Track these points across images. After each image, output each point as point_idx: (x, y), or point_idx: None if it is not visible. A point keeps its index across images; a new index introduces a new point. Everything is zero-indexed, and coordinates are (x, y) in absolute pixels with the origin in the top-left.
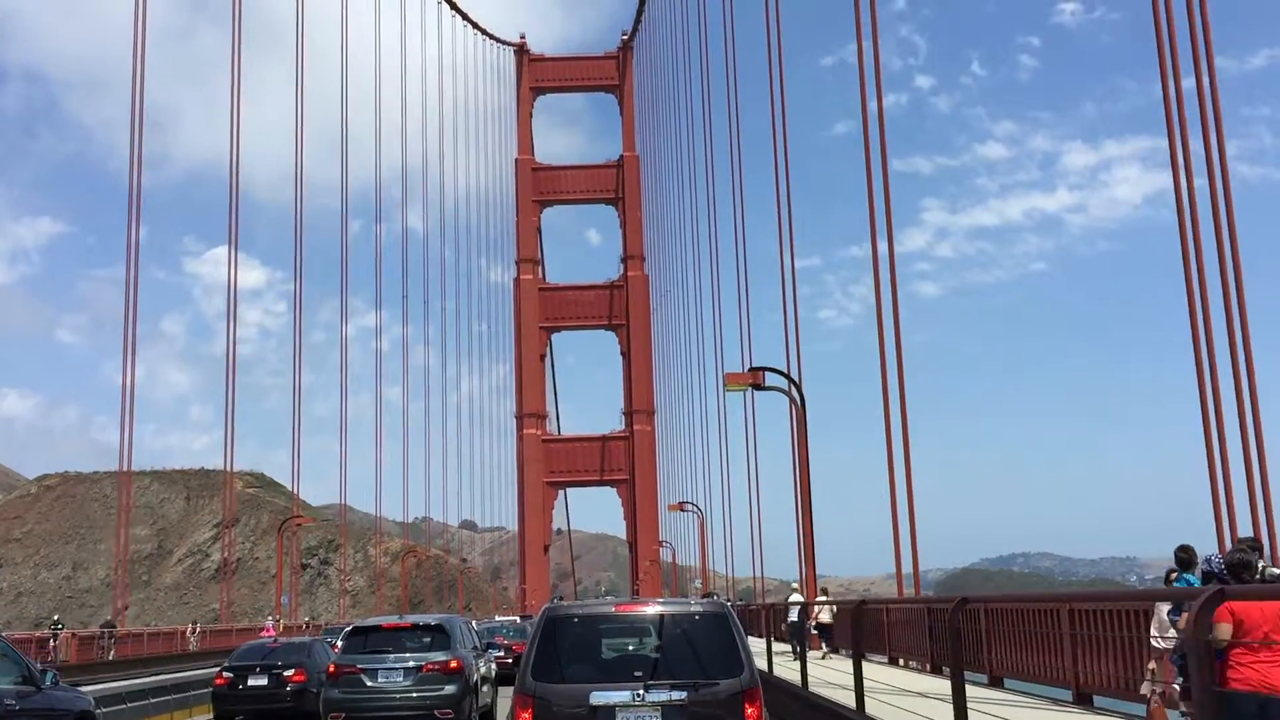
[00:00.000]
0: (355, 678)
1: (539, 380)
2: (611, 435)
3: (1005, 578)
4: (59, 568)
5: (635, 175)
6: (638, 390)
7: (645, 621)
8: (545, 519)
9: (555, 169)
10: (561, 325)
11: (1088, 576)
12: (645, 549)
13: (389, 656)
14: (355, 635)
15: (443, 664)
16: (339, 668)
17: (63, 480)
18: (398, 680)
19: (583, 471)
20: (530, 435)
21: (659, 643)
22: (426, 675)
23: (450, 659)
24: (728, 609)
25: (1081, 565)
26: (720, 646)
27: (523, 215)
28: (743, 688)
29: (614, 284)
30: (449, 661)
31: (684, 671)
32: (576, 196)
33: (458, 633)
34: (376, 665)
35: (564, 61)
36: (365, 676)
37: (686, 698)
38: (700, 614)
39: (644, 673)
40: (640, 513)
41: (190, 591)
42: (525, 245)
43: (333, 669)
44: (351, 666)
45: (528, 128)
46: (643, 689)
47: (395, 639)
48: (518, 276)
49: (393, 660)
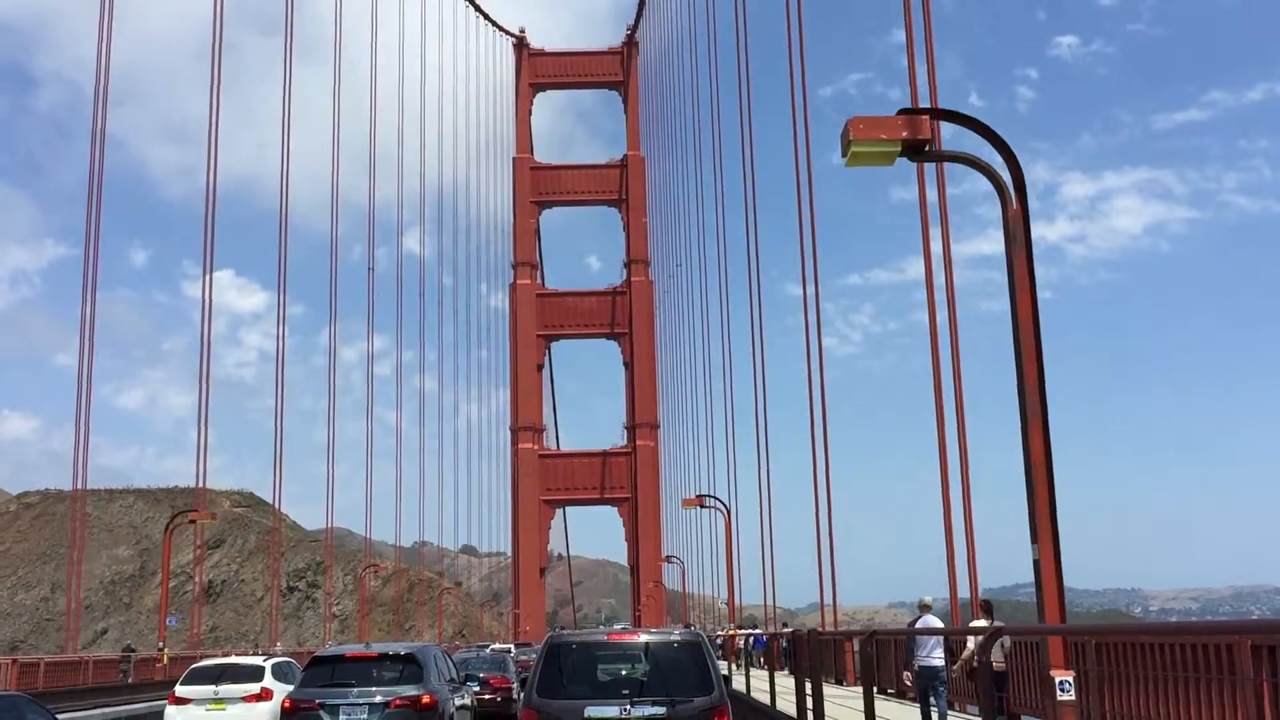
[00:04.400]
0: (314, 715)
1: (536, 391)
2: (613, 450)
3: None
4: (37, 588)
5: (640, 176)
6: (640, 402)
7: (634, 648)
8: (541, 539)
9: (555, 168)
10: (561, 333)
11: (1094, 607)
12: (648, 572)
13: (352, 691)
14: (316, 666)
15: (413, 699)
16: (296, 703)
17: (43, 498)
18: (362, 718)
19: (582, 489)
20: (526, 450)
21: (645, 666)
22: (394, 712)
23: (422, 693)
24: (702, 638)
25: (1087, 596)
26: (696, 670)
27: (520, 216)
28: (713, 705)
29: (616, 290)
30: (420, 696)
31: (664, 691)
32: (577, 198)
33: (431, 664)
34: (339, 700)
35: (565, 57)
36: (325, 714)
37: (665, 713)
38: (679, 643)
39: (631, 691)
40: (642, 533)
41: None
42: (522, 248)
43: (288, 704)
44: (310, 702)
45: (527, 125)
46: (629, 705)
47: (361, 671)
48: (514, 281)
49: (356, 695)
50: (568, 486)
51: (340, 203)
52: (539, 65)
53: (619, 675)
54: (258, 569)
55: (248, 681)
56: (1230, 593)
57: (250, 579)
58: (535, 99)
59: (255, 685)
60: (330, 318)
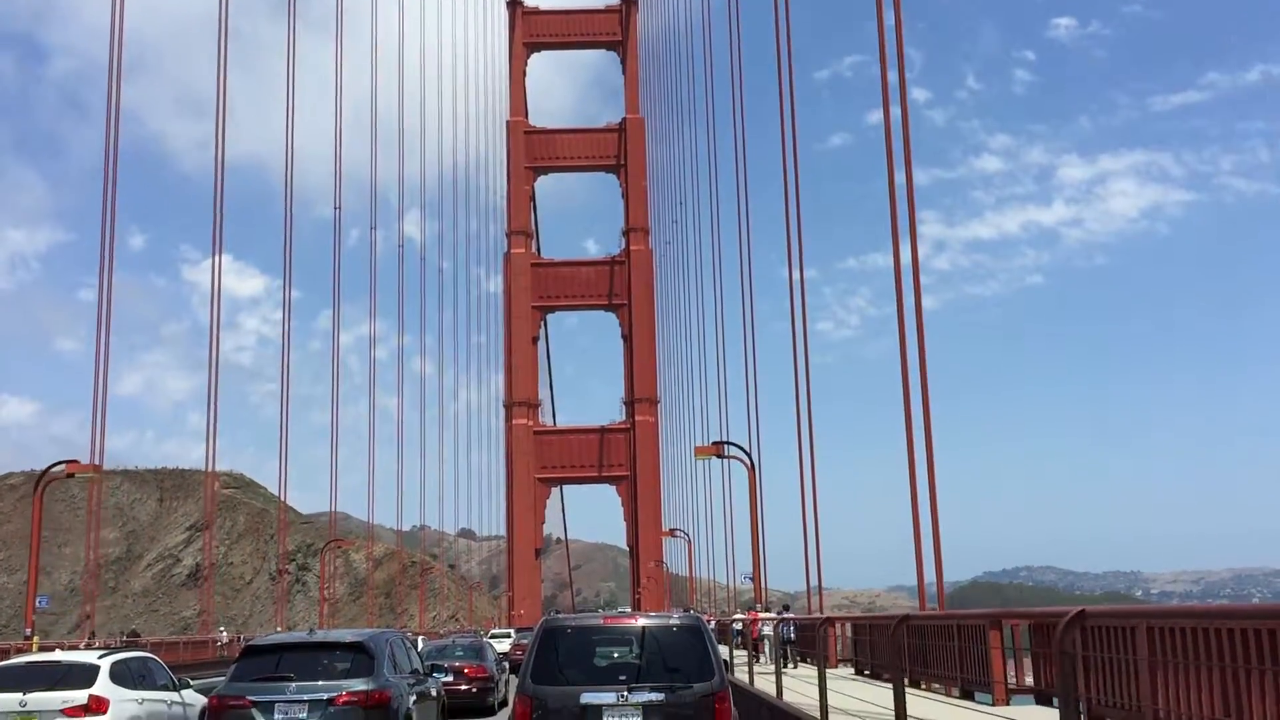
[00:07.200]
0: (244, 713)
1: (530, 365)
2: (611, 427)
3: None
4: (20, 572)
5: (639, 140)
6: (640, 376)
7: (630, 633)
8: (537, 519)
9: (550, 132)
10: (556, 304)
11: (1094, 590)
12: (648, 551)
13: (290, 686)
14: (251, 657)
15: (363, 695)
16: (222, 700)
17: (27, 479)
18: (300, 717)
19: (579, 467)
20: (520, 426)
21: (642, 651)
22: (340, 710)
23: (373, 689)
24: (701, 623)
25: (1087, 579)
26: (695, 655)
27: (514, 182)
28: (713, 690)
29: (614, 259)
30: (371, 692)
31: (662, 676)
32: (574, 163)
33: (385, 654)
34: (274, 697)
35: (561, 15)
36: (258, 712)
37: (664, 699)
38: (678, 627)
39: (628, 677)
40: (642, 513)
41: (160, 598)
42: (517, 216)
43: (215, 702)
44: (239, 699)
45: (521, 87)
46: (626, 691)
47: (303, 662)
48: (508, 251)
49: (295, 690)
50: (564, 464)
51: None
52: (534, 24)
53: (614, 659)
54: (247, 551)
55: (72, 687)
56: (1230, 575)
57: (239, 561)
58: (530, 59)
59: (82, 693)
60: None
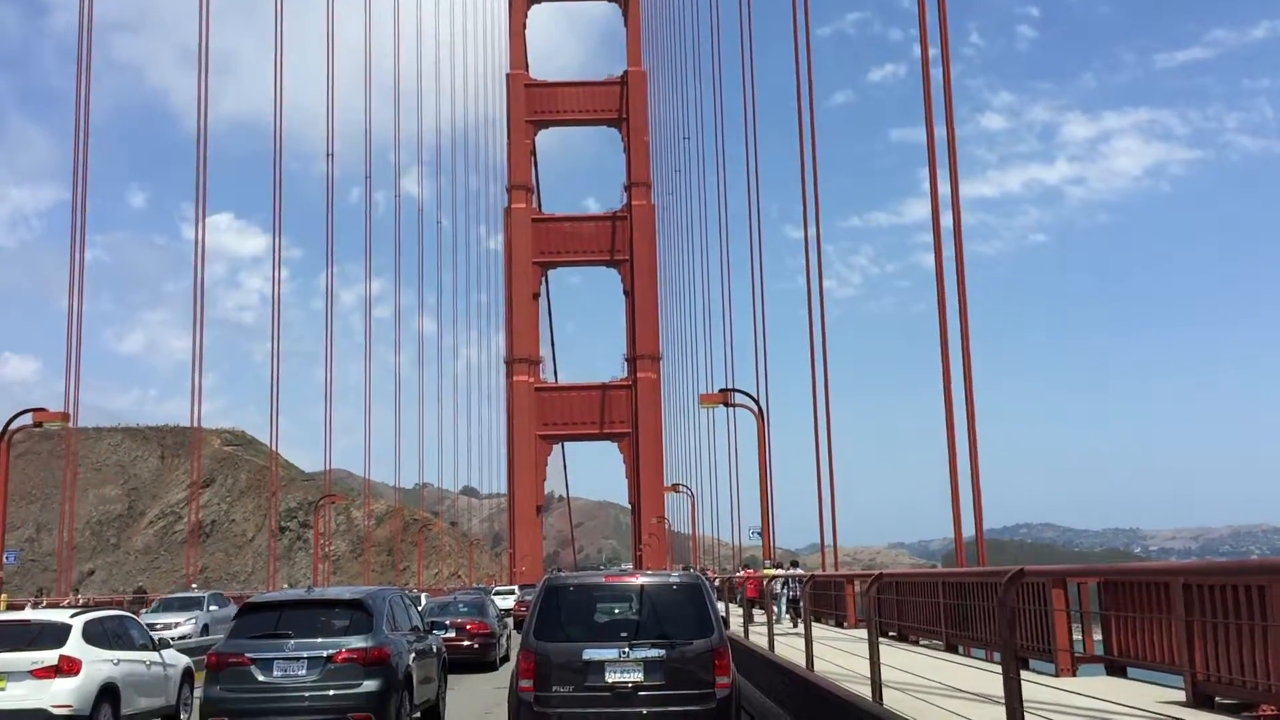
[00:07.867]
0: (243, 671)
1: (531, 321)
2: (612, 384)
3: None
4: (21, 529)
5: (641, 93)
6: (642, 332)
7: (631, 591)
8: (538, 476)
9: (551, 85)
10: (557, 260)
11: (1094, 547)
12: (649, 508)
13: (289, 643)
14: (249, 614)
15: (361, 652)
16: (222, 657)
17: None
18: (299, 674)
19: (580, 424)
20: (521, 383)
21: (642, 608)
22: (339, 667)
23: (371, 646)
24: (701, 580)
25: (1086, 537)
26: (695, 612)
27: (515, 136)
28: (712, 647)
29: (616, 214)
30: (370, 649)
31: (663, 633)
32: (575, 116)
33: (384, 611)
34: (273, 655)
35: None
36: (257, 669)
37: (664, 655)
38: (678, 584)
39: (629, 634)
40: (644, 470)
41: (161, 555)
42: (517, 170)
43: (214, 659)
44: (239, 656)
45: (521, 39)
46: (628, 647)
47: (301, 620)
48: (509, 205)
49: (294, 647)
50: (565, 421)
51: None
52: None
53: (615, 616)
54: (248, 508)
55: (42, 648)
56: (1229, 532)
57: (241, 519)
58: (529, 11)
59: (53, 654)
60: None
